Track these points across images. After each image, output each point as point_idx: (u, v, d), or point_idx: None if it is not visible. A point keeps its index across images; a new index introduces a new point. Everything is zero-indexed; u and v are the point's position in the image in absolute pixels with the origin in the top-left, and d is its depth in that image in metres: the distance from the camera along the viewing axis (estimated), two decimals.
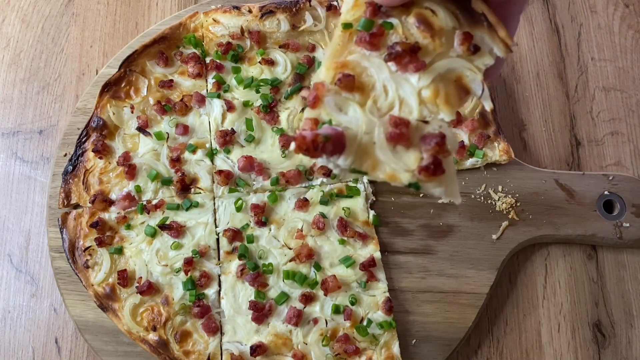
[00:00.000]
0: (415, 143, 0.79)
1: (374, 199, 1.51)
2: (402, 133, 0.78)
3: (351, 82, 0.82)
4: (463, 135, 1.53)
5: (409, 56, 0.81)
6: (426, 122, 0.80)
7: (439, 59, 0.82)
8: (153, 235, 1.44)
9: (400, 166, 0.79)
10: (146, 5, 1.80)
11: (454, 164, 0.83)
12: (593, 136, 1.66)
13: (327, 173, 1.48)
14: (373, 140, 0.80)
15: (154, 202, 1.47)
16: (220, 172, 1.47)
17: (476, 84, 0.83)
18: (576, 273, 1.52)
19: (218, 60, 1.59)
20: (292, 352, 1.34)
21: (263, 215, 1.46)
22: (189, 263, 1.40)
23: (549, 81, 1.72)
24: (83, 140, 1.52)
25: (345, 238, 1.44)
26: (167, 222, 1.44)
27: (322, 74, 0.84)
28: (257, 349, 1.32)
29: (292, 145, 0.78)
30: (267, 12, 1.61)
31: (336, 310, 1.37)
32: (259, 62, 1.58)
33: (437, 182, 0.79)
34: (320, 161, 0.80)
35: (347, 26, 0.84)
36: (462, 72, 0.83)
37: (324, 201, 1.47)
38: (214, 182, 1.50)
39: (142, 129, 1.53)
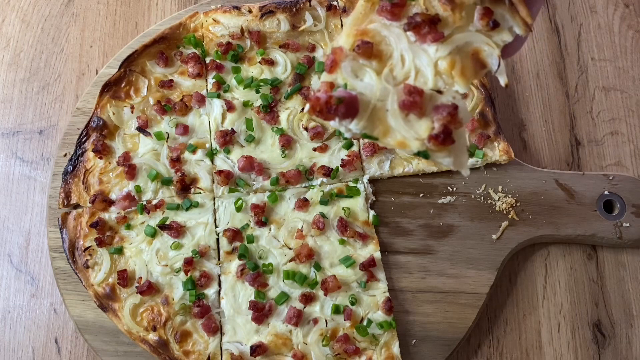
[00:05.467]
0: (427, 112, 0.81)
1: (374, 199, 1.51)
2: (415, 101, 0.80)
3: (369, 50, 0.84)
4: None
5: (428, 27, 0.83)
6: (440, 93, 0.82)
7: (457, 32, 0.84)
8: (153, 235, 1.44)
9: (411, 134, 0.81)
10: (146, 5, 1.80)
11: (465, 136, 0.84)
12: (593, 136, 1.66)
13: (327, 173, 1.48)
14: (386, 107, 0.83)
15: (154, 202, 1.47)
16: (220, 172, 1.47)
17: (493, 59, 0.84)
18: (576, 273, 1.52)
19: (218, 60, 1.59)
20: (292, 352, 1.34)
21: (263, 215, 1.46)
22: (189, 263, 1.40)
23: (549, 81, 1.72)
24: (83, 140, 1.52)
25: (345, 238, 1.44)
26: (167, 222, 1.44)
27: (342, 40, 0.86)
28: (257, 349, 1.32)
29: (307, 107, 0.81)
30: (267, 12, 1.61)
31: (336, 310, 1.37)
32: (259, 62, 1.58)
33: (446, 152, 0.81)
34: (333, 124, 0.83)
35: None
36: (479, 47, 0.84)
37: (324, 201, 1.47)
38: (214, 182, 1.50)
39: (142, 129, 1.53)
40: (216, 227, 1.47)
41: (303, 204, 1.46)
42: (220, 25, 1.61)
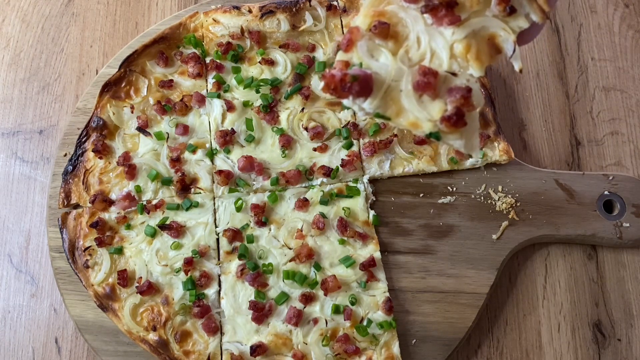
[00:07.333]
0: (441, 94, 0.82)
1: (374, 199, 1.51)
2: (429, 82, 0.81)
3: (386, 30, 0.85)
4: None
5: (445, 10, 0.83)
6: (455, 75, 0.83)
7: (474, 16, 0.85)
8: (153, 235, 1.44)
9: (424, 115, 0.82)
10: (146, 5, 1.80)
11: (477, 119, 0.85)
12: (593, 136, 1.66)
13: (327, 173, 1.48)
14: (400, 87, 0.84)
15: (154, 202, 1.47)
16: (220, 172, 1.47)
17: (508, 44, 0.85)
18: (576, 273, 1.52)
19: (218, 60, 1.59)
20: (292, 352, 1.34)
21: (263, 215, 1.46)
22: (189, 263, 1.40)
23: (549, 81, 1.72)
24: (83, 140, 1.52)
25: (345, 238, 1.44)
26: (167, 222, 1.44)
27: (359, 20, 0.87)
28: (257, 349, 1.32)
29: (321, 84, 0.82)
30: (267, 12, 1.61)
31: (336, 310, 1.37)
32: (259, 62, 1.58)
33: (458, 134, 0.82)
34: (346, 102, 0.84)
35: None
36: (495, 32, 0.85)
37: (324, 201, 1.47)
38: (214, 182, 1.50)
39: (142, 129, 1.53)
40: (216, 227, 1.47)
41: (303, 204, 1.46)
42: (220, 25, 1.61)
